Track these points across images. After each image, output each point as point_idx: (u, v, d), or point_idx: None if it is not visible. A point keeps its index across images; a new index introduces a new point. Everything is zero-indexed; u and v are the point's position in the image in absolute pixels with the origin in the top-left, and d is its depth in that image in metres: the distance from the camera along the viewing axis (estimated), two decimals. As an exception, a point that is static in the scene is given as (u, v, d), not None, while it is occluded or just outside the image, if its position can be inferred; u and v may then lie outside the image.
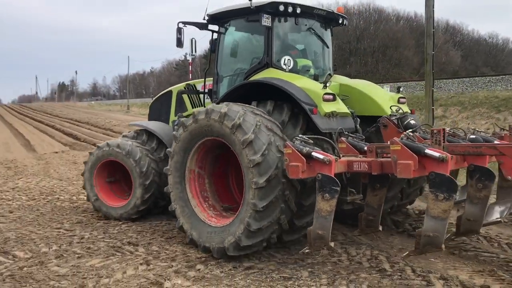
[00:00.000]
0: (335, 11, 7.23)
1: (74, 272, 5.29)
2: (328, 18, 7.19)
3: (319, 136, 5.43)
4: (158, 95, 9.12)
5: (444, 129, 4.82)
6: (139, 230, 7.05)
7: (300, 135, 5.26)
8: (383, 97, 6.76)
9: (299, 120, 5.93)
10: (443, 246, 4.47)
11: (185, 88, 8.22)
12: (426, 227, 4.48)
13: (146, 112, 9.75)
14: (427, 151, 4.44)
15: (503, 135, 6.32)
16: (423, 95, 16.95)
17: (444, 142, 4.70)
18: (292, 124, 5.90)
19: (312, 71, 7.01)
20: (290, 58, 6.70)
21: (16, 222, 7.62)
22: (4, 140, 24.69)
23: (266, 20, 6.39)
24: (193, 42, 7.49)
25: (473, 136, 5.67)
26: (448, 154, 4.40)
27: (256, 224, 5.28)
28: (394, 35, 62.16)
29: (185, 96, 8.10)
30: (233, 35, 7.28)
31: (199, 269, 5.36)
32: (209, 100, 7.46)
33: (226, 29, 7.11)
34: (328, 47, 7.30)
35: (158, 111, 8.63)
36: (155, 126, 8.07)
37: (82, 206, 8.80)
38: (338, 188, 4.71)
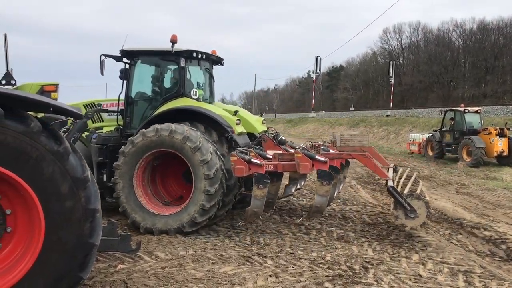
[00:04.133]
0: (219, 56, 9.51)
1: (209, 277, 5.62)
2: (215, 61, 9.55)
3: (244, 149, 7.74)
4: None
5: (320, 144, 8.60)
6: (267, 243, 7.28)
7: (237, 148, 7.72)
8: (254, 119, 9.33)
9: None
10: (323, 213, 8.12)
11: (85, 105, 9.48)
12: (315, 202, 7.36)
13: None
14: (317, 157, 7.31)
15: (330, 144, 9.74)
16: None
17: (321, 151, 8.11)
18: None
19: (207, 99, 9.41)
20: (196, 90, 8.80)
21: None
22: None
23: (182, 62, 8.53)
24: (101, 59, 8.61)
25: (323, 147, 8.57)
26: (327, 158, 7.39)
27: (208, 203, 7.45)
28: (540, 52, 56.40)
29: (84, 112, 9.39)
30: (144, 68, 9.09)
31: (327, 287, 5.37)
32: (120, 117, 8.99)
33: (136, 62, 8.80)
34: (214, 81, 9.72)
35: None
36: None
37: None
38: (268, 181, 7.18)
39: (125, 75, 8.80)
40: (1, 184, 3.85)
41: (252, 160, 7.25)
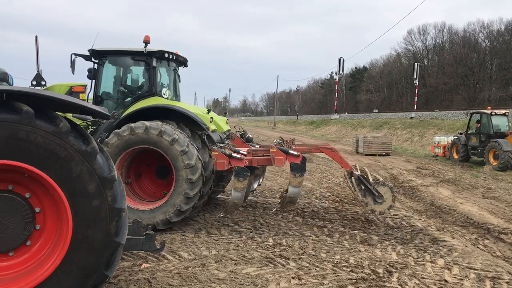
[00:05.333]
0: (184, 57, 9.71)
1: (232, 277, 5.63)
2: (181, 62, 9.78)
3: (221, 144, 8.37)
4: None
5: (291, 140, 9.68)
6: (290, 244, 7.25)
7: (216, 143, 8.38)
8: (219, 119, 9.62)
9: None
10: (296, 203, 8.70)
11: None
12: (289, 193, 7.79)
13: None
14: (290, 151, 7.82)
15: (288, 141, 9.85)
16: None
17: (291, 146, 8.84)
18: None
19: (174, 99, 9.57)
20: (166, 89, 9.17)
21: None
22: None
23: (154, 62, 8.79)
24: (72, 58, 8.68)
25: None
26: (300, 152, 7.92)
27: (192, 191, 7.68)
28: None
29: None
30: (114, 68, 9.16)
31: (350, 290, 5.33)
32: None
33: (105, 62, 8.91)
34: (180, 81, 9.99)
35: None
36: None
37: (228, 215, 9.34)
38: (248, 174, 7.63)
39: (94, 74, 8.88)
40: (30, 182, 3.94)
41: (233, 154, 7.71)
